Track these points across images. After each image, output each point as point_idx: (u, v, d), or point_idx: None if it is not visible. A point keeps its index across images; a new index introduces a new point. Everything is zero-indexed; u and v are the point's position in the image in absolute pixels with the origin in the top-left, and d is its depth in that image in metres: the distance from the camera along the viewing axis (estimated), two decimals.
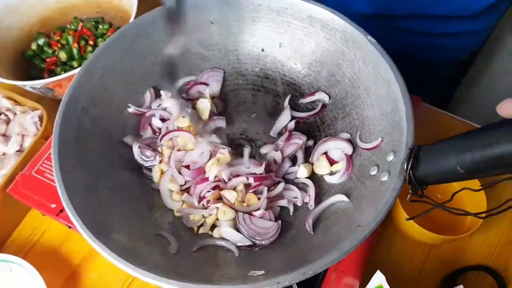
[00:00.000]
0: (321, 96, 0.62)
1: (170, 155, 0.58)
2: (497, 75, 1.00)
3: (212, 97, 0.64)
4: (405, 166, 0.42)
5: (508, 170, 0.35)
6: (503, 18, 0.82)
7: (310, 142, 0.60)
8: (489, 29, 0.84)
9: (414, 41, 0.80)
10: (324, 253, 0.42)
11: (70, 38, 0.82)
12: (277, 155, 0.58)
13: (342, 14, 0.56)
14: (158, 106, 0.63)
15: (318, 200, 0.55)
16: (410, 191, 0.43)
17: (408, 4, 0.72)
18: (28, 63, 0.82)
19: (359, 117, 0.56)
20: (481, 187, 0.48)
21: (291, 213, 0.55)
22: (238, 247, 0.52)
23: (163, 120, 0.62)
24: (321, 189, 0.57)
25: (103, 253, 0.43)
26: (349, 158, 0.55)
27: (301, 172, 0.57)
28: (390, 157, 0.47)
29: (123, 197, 0.54)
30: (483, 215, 0.43)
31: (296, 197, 0.56)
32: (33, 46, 0.82)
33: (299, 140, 0.59)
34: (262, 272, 0.44)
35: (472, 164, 0.36)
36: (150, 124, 0.62)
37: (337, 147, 0.57)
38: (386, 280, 0.52)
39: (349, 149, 0.56)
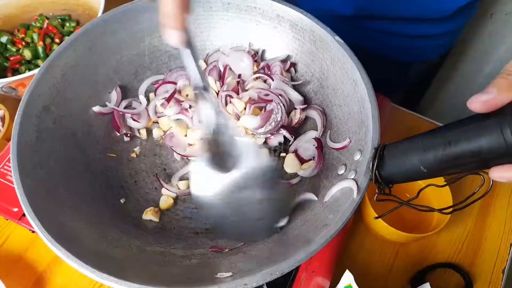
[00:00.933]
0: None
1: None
2: (465, 77, 1.03)
3: None
4: (371, 166, 0.42)
5: (470, 168, 0.35)
6: (471, 20, 0.85)
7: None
8: (460, 31, 0.86)
9: (388, 41, 0.81)
10: (292, 253, 0.41)
11: (35, 36, 0.79)
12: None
13: (312, 15, 0.56)
14: (126, 106, 0.62)
15: None
16: (377, 190, 0.43)
17: (384, 7, 0.73)
18: None
19: (327, 117, 0.57)
20: (445, 183, 0.49)
21: None
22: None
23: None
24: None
25: (66, 259, 0.42)
26: (320, 151, 0.55)
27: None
28: (357, 156, 0.47)
29: (87, 200, 0.52)
30: (449, 210, 0.44)
31: None
32: None
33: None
34: (230, 273, 0.44)
35: (434, 163, 0.36)
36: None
37: (307, 141, 0.57)
38: (356, 279, 0.52)
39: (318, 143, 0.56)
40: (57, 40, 0.80)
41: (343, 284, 0.54)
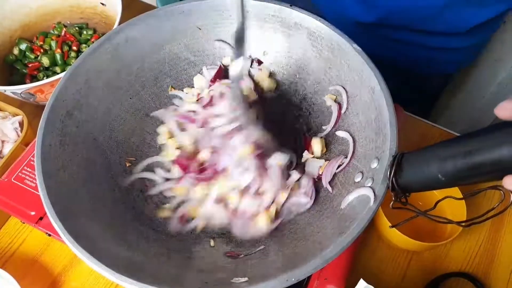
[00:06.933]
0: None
1: None
2: (477, 86, 1.02)
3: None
4: (388, 173, 0.42)
5: (489, 178, 0.35)
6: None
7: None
8: (482, 46, 0.86)
9: (407, 52, 0.82)
10: (307, 260, 0.42)
11: (53, 44, 0.81)
12: None
13: (333, 21, 0.56)
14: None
15: None
16: (393, 198, 0.44)
17: (405, 18, 0.74)
18: (10, 68, 0.81)
19: (344, 123, 0.57)
20: (463, 196, 0.49)
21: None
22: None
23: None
24: None
25: (85, 259, 0.42)
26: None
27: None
28: (374, 164, 0.47)
29: (107, 203, 0.53)
30: (467, 223, 0.44)
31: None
32: (15, 51, 0.81)
33: None
34: (246, 279, 0.44)
35: (453, 172, 0.36)
36: None
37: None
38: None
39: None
40: (74, 48, 0.81)
41: None
